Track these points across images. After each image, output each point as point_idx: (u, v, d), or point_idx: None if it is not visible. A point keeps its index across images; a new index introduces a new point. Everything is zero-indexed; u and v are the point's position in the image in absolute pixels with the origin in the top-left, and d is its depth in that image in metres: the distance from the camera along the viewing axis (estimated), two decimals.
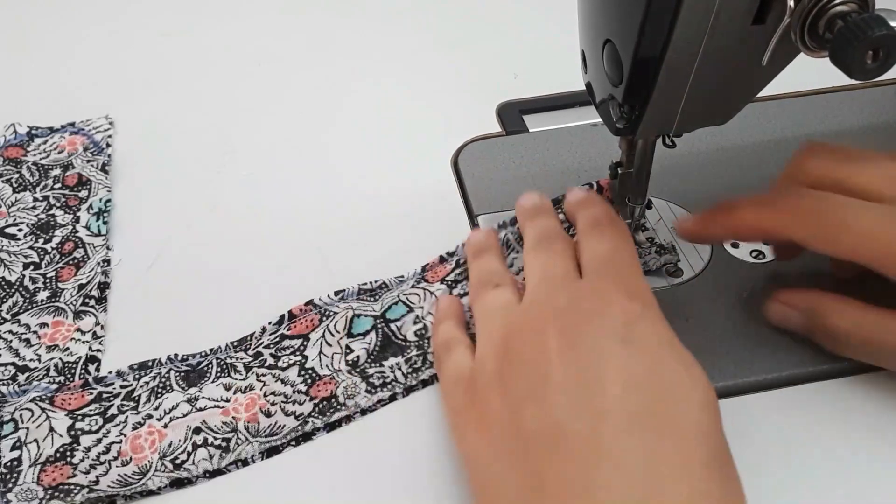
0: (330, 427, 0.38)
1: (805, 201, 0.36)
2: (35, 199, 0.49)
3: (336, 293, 0.42)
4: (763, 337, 0.41)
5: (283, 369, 0.39)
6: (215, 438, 0.37)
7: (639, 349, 0.31)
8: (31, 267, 0.45)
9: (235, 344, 0.41)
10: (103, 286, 0.44)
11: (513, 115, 0.56)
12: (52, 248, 0.46)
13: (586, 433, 0.29)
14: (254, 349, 0.40)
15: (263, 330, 0.41)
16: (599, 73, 0.37)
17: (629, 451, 0.28)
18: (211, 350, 0.40)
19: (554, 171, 0.51)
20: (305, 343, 0.40)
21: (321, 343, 0.40)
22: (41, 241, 0.46)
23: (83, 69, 0.62)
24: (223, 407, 0.38)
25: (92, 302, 0.43)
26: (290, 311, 0.41)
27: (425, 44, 0.64)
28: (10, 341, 0.41)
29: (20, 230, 0.47)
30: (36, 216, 0.48)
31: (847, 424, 0.38)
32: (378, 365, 0.39)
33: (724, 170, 0.50)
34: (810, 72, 0.41)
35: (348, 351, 0.40)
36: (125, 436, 0.37)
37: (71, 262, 0.45)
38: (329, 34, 0.65)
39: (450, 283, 0.43)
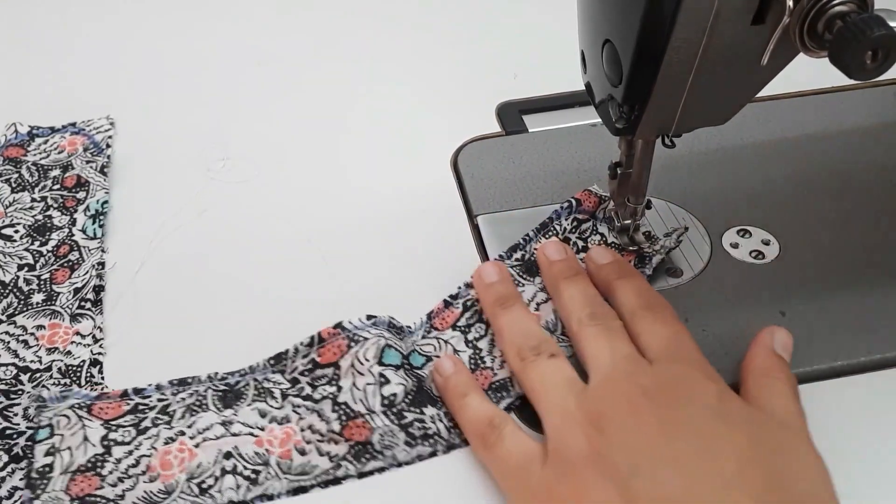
0: (362, 474, 0.36)
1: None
2: (33, 200, 0.49)
3: (368, 317, 0.39)
4: None
5: (317, 401, 0.38)
6: (245, 468, 0.36)
7: (736, 425, 0.32)
8: (26, 268, 0.45)
9: (272, 362, 0.39)
10: (98, 289, 0.44)
11: (512, 115, 0.56)
12: (48, 251, 0.46)
13: (717, 501, 0.30)
14: (290, 373, 0.39)
15: (296, 350, 0.39)
16: (599, 73, 0.37)
17: None
18: (250, 368, 0.39)
19: (553, 171, 0.51)
20: (338, 372, 0.38)
21: (352, 373, 0.38)
22: (37, 243, 0.46)
23: (83, 69, 0.62)
24: (257, 436, 0.37)
25: (88, 305, 0.43)
26: (319, 334, 0.39)
27: (425, 44, 0.64)
28: (8, 342, 0.41)
29: (17, 231, 0.47)
30: (33, 217, 0.48)
31: (847, 424, 0.37)
32: (417, 411, 0.37)
33: (723, 170, 0.50)
34: (810, 72, 0.41)
35: (383, 380, 0.37)
36: (156, 450, 0.36)
37: (65, 265, 0.45)
38: (329, 34, 0.65)
39: (462, 328, 0.41)
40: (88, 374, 0.40)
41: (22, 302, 0.43)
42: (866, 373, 0.39)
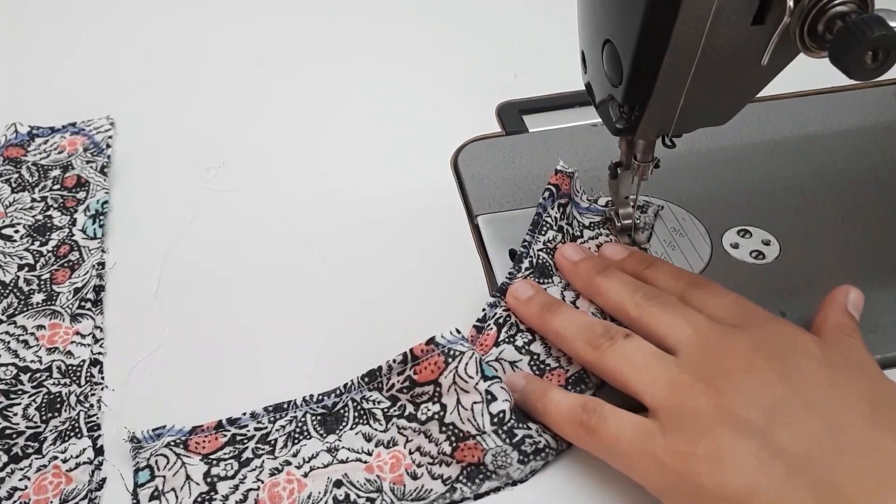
0: (477, 496, 0.36)
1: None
2: (33, 200, 0.49)
3: (457, 331, 0.37)
4: None
5: (423, 422, 0.37)
6: (358, 496, 0.35)
7: (847, 371, 0.33)
8: (26, 268, 0.45)
9: (366, 380, 0.38)
10: (98, 289, 0.44)
11: (512, 115, 0.56)
12: (48, 252, 0.46)
13: (867, 441, 0.31)
14: (387, 390, 0.38)
15: (390, 368, 0.38)
16: (599, 73, 0.37)
17: None
18: (344, 387, 0.38)
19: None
20: (438, 389, 0.37)
21: (455, 390, 0.36)
22: (37, 243, 0.46)
23: (83, 69, 0.62)
24: (366, 462, 0.36)
25: (88, 305, 0.43)
26: (411, 351, 0.37)
27: (425, 44, 0.64)
28: (8, 342, 0.41)
29: (17, 231, 0.47)
30: (33, 217, 0.48)
31: None
32: (525, 426, 0.36)
33: (723, 170, 0.50)
34: (810, 72, 0.41)
35: (489, 397, 0.36)
36: (262, 482, 0.35)
37: (66, 265, 0.45)
38: (329, 34, 0.65)
39: (506, 340, 0.40)
40: (88, 374, 0.40)
41: (22, 302, 0.43)
42: None
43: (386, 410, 0.38)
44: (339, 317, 0.43)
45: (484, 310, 0.42)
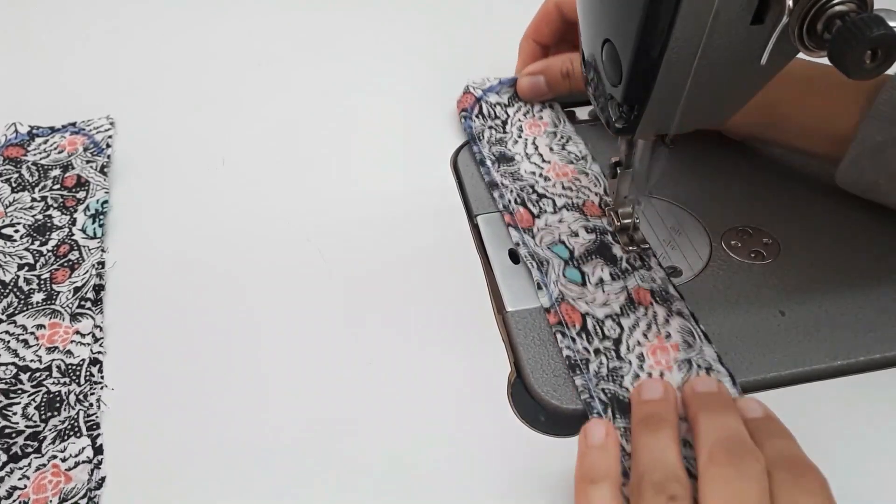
0: None
1: None
2: (33, 200, 0.49)
3: None
4: (762, 337, 0.41)
5: None
6: None
7: None
8: (26, 268, 0.45)
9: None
10: (98, 288, 0.44)
11: None
12: (48, 251, 0.46)
13: None
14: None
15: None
16: (599, 72, 0.37)
17: None
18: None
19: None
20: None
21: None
22: (37, 243, 0.46)
23: (83, 69, 0.62)
24: None
25: (88, 304, 0.43)
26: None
27: (426, 44, 0.64)
28: (8, 342, 0.41)
29: (17, 231, 0.47)
30: (33, 216, 0.48)
31: (846, 423, 0.38)
32: None
33: (723, 170, 0.50)
34: None
35: None
36: None
37: (65, 265, 0.45)
38: (329, 35, 0.65)
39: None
40: (88, 374, 0.40)
41: (22, 301, 0.43)
42: (866, 372, 0.39)
43: None
44: (339, 315, 0.43)
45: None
